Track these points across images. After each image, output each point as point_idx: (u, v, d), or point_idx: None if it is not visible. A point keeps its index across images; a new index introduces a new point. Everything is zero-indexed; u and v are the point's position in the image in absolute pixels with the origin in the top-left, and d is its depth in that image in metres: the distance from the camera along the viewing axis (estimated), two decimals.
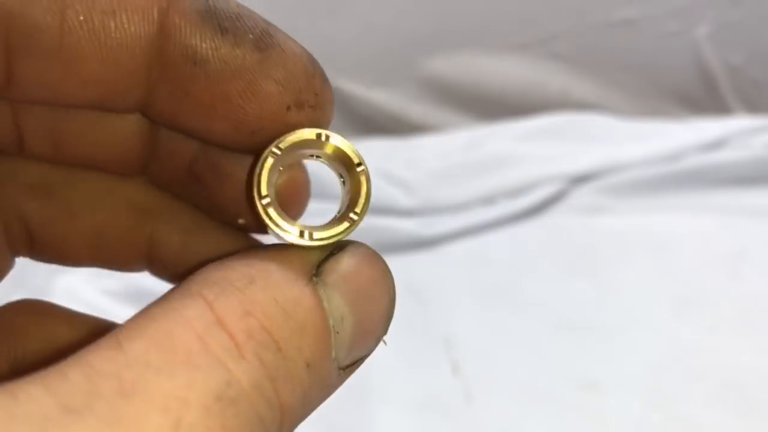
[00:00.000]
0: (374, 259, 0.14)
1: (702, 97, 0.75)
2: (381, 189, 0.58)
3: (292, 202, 0.17)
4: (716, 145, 0.59)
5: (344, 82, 0.74)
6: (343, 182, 0.16)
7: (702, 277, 0.51)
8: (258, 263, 0.13)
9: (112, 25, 0.12)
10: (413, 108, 0.76)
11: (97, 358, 0.11)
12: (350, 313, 0.13)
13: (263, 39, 0.13)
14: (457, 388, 0.44)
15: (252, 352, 0.12)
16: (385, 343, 0.15)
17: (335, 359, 0.13)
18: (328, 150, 0.15)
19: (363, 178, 0.15)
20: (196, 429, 0.11)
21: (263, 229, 0.16)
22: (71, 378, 0.10)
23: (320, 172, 0.20)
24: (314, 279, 0.13)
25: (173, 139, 0.16)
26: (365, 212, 0.15)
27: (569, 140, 0.62)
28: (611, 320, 0.48)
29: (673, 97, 0.75)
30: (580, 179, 0.58)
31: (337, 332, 0.13)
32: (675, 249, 0.54)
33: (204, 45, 0.12)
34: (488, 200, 0.58)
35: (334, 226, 0.14)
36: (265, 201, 0.14)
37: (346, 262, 0.14)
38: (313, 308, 0.13)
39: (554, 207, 0.57)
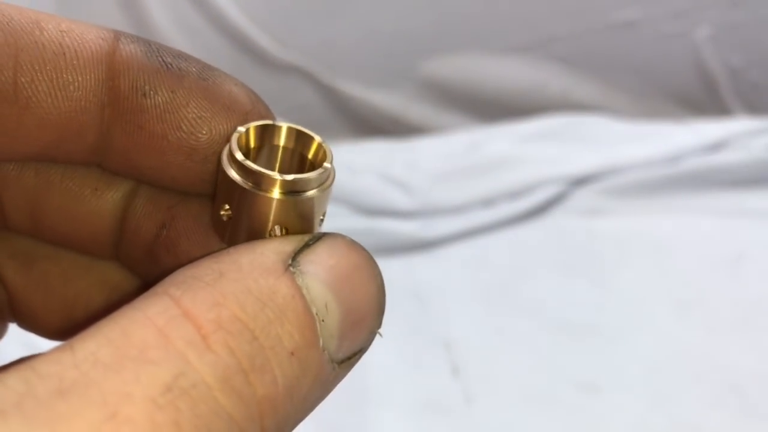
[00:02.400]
0: (353, 246, 0.14)
1: (702, 98, 0.75)
2: (381, 190, 0.58)
3: None
4: (716, 146, 0.59)
5: (344, 84, 0.75)
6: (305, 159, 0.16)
7: (702, 278, 0.51)
8: (227, 258, 0.12)
9: (63, 64, 0.13)
10: (413, 110, 0.76)
11: (44, 361, 0.10)
12: (335, 300, 0.13)
13: (205, 71, 0.14)
14: (458, 389, 0.44)
15: (221, 342, 0.11)
16: (380, 335, 0.14)
17: (325, 350, 0.13)
18: (284, 132, 0.15)
19: (323, 145, 0.15)
20: (136, 423, 0.10)
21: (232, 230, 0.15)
22: (8, 383, 0.10)
23: None
24: (291, 269, 0.13)
25: (138, 214, 0.16)
26: (332, 160, 0.15)
27: (569, 142, 0.62)
28: (611, 322, 0.48)
29: (673, 98, 0.75)
30: (580, 181, 0.58)
31: (323, 320, 0.12)
32: (675, 251, 0.54)
33: (151, 77, 0.13)
34: (488, 202, 0.58)
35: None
36: (240, 156, 0.13)
37: (323, 250, 0.13)
38: (292, 296, 0.12)
39: (554, 209, 0.57)
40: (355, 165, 0.60)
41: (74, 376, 0.10)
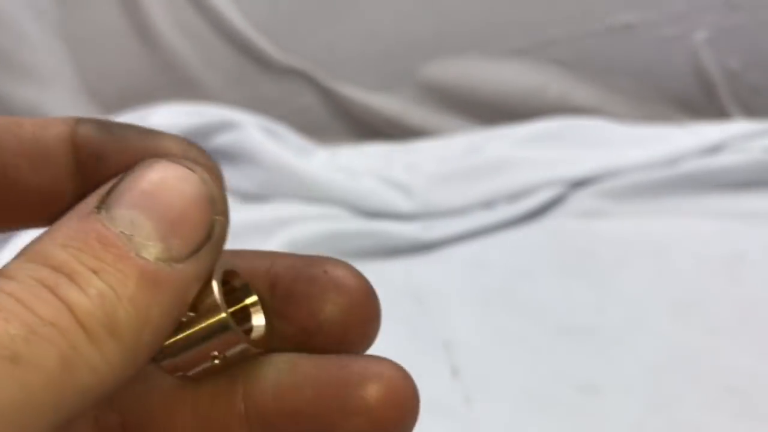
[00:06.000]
0: (162, 162, 0.16)
1: (700, 101, 0.75)
2: (381, 193, 0.58)
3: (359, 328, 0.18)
4: (715, 149, 0.60)
5: (345, 87, 0.75)
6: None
7: (701, 280, 0.52)
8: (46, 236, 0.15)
9: (37, 147, 0.16)
10: (413, 113, 0.76)
11: None
12: (141, 214, 0.15)
13: (143, 132, 0.17)
14: (457, 391, 0.44)
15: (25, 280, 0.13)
16: (224, 218, 0.15)
17: (144, 255, 0.14)
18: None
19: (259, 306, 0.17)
20: None
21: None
22: None
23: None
24: (96, 211, 0.15)
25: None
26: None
27: (568, 145, 0.62)
28: (610, 324, 0.49)
29: (672, 101, 0.76)
30: (580, 183, 0.59)
31: (131, 234, 0.14)
32: (674, 253, 0.54)
33: (101, 146, 0.16)
34: (488, 204, 0.58)
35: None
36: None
37: (126, 181, 0.15)
38: (91, 229, 0.14)
39: (553, 211, 0.58)
40: (355, 167, 0.60)
41: None
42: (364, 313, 0.17)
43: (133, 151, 0.16)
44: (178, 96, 0.67)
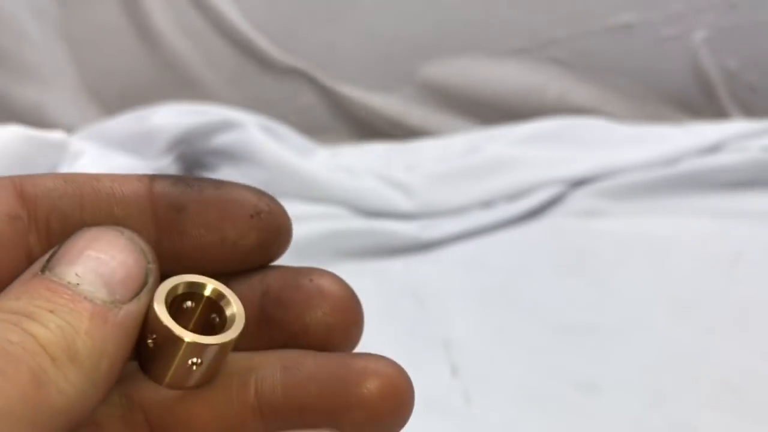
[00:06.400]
0: (92, 229, 0.17)
1: (699, 101, 0.75)
2: (380, 192, 0.58)
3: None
4: (713, 148, 0.60)
5: (344, 87, 0.75)
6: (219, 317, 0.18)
7: (699, 279, 0.52)
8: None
9: (114, 201, 0.18)
10: (413, 112, 0.76)
11: None
12: (82, 267, 0.16)
13: (217, 183, 0.18)
14: (457, 389, 0.44)
15: None
16: (152, 263, 0.17)
17: (93, 300, 0.16)
18: (208, 289, 0.18)
19: (237, 314, 0.18)
20: None
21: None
22: None
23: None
24: (41, 272, 0.16)
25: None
26: (238, 331, 0.17)
27: (567, 144, 0.63)
28: (609, 322, 0.49)
29: (671, 101, 0.76)
30: (579, 183, 0.59)
31: (78, 284, 0.16)
32: (672, 252, 0.54)
33: (179, 197, 0.18)
34: (487, 203, 0.58)
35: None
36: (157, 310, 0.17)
37: (66, 246, 0.17)
38: (41, 282, 0.16)
39: (552, 210, 0.58)
40: (355, 167, 0.61)
41: None
42: (346, 318, 0.19)
43: (211, 200, 0.18)
44: (178, 96, 0.67)
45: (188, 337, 0.16)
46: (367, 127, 0.77)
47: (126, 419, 0.18)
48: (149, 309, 0.17)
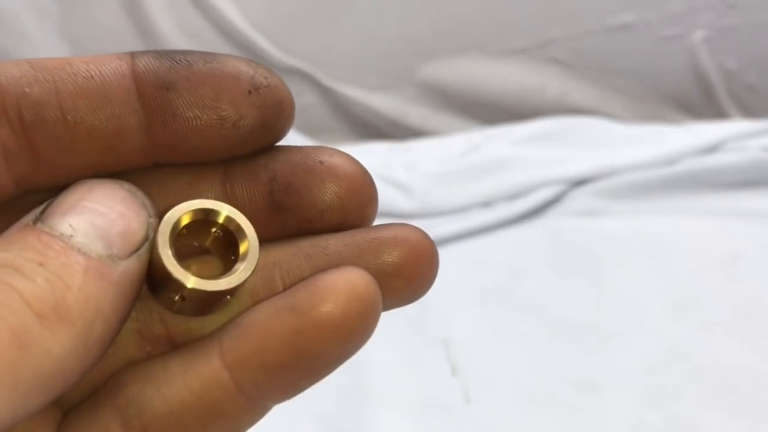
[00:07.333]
0: (92, 181, 0.16)
1: (698, 101, 0.75)
2: (380, 192, 0.58)
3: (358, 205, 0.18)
4: (712, 148, 0.60)
5: (344, 87, 0.75)
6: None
7: (698, 279, 0.52)
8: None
9: (93, 84, 0.16)
10: (412, 112, 0.76)
11: None
12: (77, 218, 0.15)
13: (207, 56, 0.17)
14: (456, 388, 0.44)
15: None
16: (155, 218, 0.16)
17: (88, 253, 0.14)
18: (222, 217, 0.17)
19: (253, 247, 0.16)
20: None
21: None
22: None
23: None
24: (33, 223, 0.15)
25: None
26: (253, 267, 0.16)
27: (567, 144, 0.63)
28: (609, 322, 0.49)
29: (670, 101, 0.76)
30: (578, 183, 0.59)
31: (71, 236, 0.15)
32: (672, 251, 0.54)
33: (167, 74, 0.16)
34: (486, 203, 0.58)
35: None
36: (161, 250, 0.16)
37: (62, 196, 0.15)
38: (32, 235, 0.15)
39: (552, 210, 0.58)
40: None
41: None
42: (362, 196, 0.18)
43: (202, 75, 0.16)
44: None
45: (191, 282, 0.16)
46: (367, 126, 0.77)
47: (144, 333, 0.18)
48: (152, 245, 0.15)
